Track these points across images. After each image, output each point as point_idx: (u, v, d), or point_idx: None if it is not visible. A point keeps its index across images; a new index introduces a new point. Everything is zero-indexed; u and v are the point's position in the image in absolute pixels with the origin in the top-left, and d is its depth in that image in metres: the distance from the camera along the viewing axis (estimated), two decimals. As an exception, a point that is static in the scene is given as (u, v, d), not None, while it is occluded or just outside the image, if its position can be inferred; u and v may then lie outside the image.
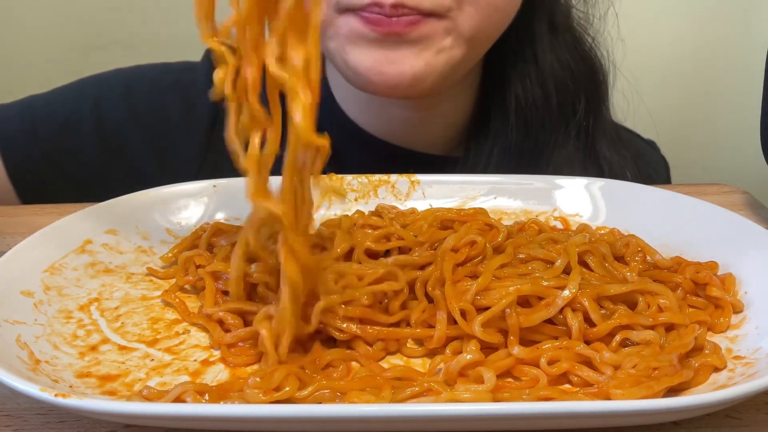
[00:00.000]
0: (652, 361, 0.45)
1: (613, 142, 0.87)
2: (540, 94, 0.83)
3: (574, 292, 0.49)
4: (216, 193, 0.68)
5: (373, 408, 0.40)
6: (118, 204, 0.64)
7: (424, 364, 0.50)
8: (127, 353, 0.50)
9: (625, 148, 0.88)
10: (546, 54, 0.82)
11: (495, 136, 0.83)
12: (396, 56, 0.68)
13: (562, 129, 0.83)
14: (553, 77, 0.83)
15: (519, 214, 0.68)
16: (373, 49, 0.68)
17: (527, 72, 0.82)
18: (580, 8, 0.86)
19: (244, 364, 0.49)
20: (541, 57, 0.82)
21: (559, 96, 0.83)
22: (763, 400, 0.46)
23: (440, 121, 0.85)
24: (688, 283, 0.54)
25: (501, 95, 0.83)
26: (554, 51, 0.83)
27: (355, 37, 0.68)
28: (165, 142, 0.86)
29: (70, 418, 0.45)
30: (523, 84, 0.82)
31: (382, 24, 0.66)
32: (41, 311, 0.52)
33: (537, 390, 0.44)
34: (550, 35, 0.83)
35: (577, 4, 0.86)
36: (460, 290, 0.51)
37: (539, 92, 0.83)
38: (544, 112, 0.83)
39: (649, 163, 0.96)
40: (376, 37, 0.67)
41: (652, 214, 0.64)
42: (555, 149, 0.83)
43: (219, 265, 0.56)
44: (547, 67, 0.83)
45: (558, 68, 0.83)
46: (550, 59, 0.83)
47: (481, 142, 0.84)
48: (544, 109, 0.83)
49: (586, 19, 0.86)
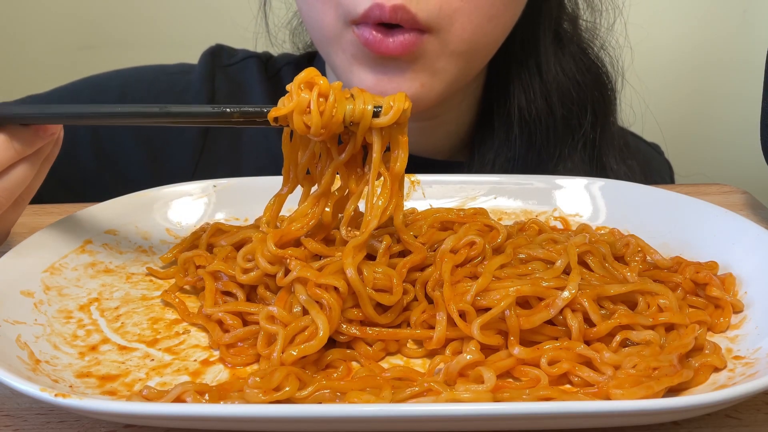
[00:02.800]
0: (652, 361, 0.45)
1: (620, 152, 0.85)
2: (544, 107, 0.82)
3: (573, 293, 0.49)
4: (216, 193, 0.68)
5: (373, 408, 0.40)
6: (118, 204, 0.64)
7: (424, 364, 0.50)
8: (127, 353, 0.50)
9: (632, 156, 0.87)
10: (550, 65, 0.81)
11: (499, 147, 0.83)
12: (395, 77, 0.69)
13: (567, 142, 0.82)
14: (557, 90, 0.82)
15: (519, 214, 0.68)
16: (374, 69, 0.69)
17: (531, 83, 0.81)
18: (586, 18, 0.85)
19: (244, 363, 0.49)
20: (546, 68, 0.81)
21: (565, 109, 0.82)
22: (763, 400, 0.46)
23: (443, 129, 0.84)
24: (688, 283, 0.54)
25: (504, 106, 0.83)
26: (559, 62, 0.82)
27: (359, 55, 0.69)
28: (159, 146, 0.86)
29: (70, 418, 0.45)
30: (527, 96, 0.81)
31: (380, 47, 0.66)
32: (41, 311, 0.52)
33: (537, 390, 0.44)
34: (555, 45, 0.82)
35: (583, 14, 0.85)
36: (460, 291, 0.51)
37: (543, 105, 0.82)
38: (549, 125, 0.82)
39: (656, 170, 0.96)
40: (375, 57, 0.68)
41: (652, 214, 0.64)
42: (560, 162, 0.82)
43: (219, 265, 0.56)
44: (552, 79, 0.81)
45: (563, 80, 0.82)
46: (554, 71, 0.82)
47: (485, 152, 0.83)
48: (549, 122, 0.82)
49: (593, 29, 0.85)
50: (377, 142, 0.52)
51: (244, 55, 0.91)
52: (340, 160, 0.54)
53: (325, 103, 0.51)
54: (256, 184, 0.69)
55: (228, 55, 0.91)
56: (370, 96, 0.52)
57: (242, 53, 0.92)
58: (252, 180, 0.69)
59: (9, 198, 0.52)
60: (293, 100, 0.51)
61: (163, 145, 0.86)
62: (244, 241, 0.60)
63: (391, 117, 0.51)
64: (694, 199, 0.64)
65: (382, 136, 0.53)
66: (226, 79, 0.89)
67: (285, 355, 0.47)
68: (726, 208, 0.61)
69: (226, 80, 0.89)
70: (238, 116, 0.51)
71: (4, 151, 0.50)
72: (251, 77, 0.89)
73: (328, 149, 0.54)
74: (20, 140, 0.51)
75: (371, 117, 0.52)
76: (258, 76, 0.89)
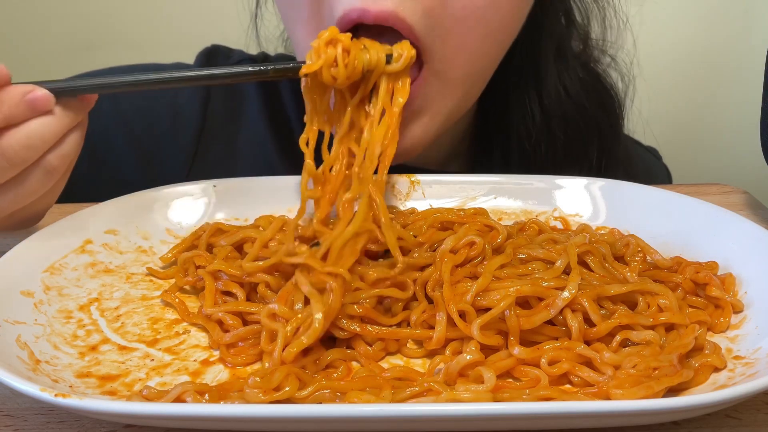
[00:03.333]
0: (652, 361, 0.45)
1: (624, 169, 0.83)
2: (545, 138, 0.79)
3: (573, 293, 0.49)
4: (216, 193, 0.68)
5: (373, 408, 0.40)
6: (118, 204, 0.64)
7: (424, 364, 0.50)
8: (127, 353, 0.50)
9: (634, 167, 0.86)
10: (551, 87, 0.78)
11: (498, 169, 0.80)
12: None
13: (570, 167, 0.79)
14: (560, 120, 0.79)
15: (519, 214, 0.68)
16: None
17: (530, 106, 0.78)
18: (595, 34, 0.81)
19: (244, 363, 0.49)
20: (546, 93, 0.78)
21: (567, 141, 0.79)
22: (763, 400, 0.46)
23: (439, 143, 0.83)
24: (688, 283, 0.54)
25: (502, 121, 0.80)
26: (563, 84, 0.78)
27: None
28: (151, 147, 0.85)
29: (70, 418, 0.45)
30: (526, 125, 0.79)
31: None
32: (41, 311, 0.52)
33: (537, 390, 0.44)
34: (559, 64, 0.79)
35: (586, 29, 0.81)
36: (460, 291, 0.51)
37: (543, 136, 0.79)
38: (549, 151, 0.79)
39: (655, 176, 0.95)
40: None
41: (652, 214, 0.64)
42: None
43: (219, 264, 0.56)
44: (554, 108, 0.78)
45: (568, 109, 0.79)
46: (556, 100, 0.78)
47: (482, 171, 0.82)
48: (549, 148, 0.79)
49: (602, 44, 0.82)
50: (384, 84, 0.61)
51: (240, 56, 0.91)
52: (353, 101, 0.61)
53: (348, 56, 0.58)
54: (257, 184, 0.69)
55: (224, 56, 0.91)
56: (380, 45, 0.60)
57: (238, 54, 0.91)
58: (252, 180, 0.69)
59: (67, 165, 0.56)
60: (321, 57, 0.58)
61: (155, 147, 0.85)
62: (244, 241, 0.60)
63: (401, 64, 0.60)
64: (694, 199, 0.64)
65: (388, 78, 0.60)
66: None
67: (285, 353, 0.47)
68: (726, 208, 0.61)
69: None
70: (273, 73, 0.59)
71: (62, 119, 0.54)
72: None
73: (342, 93, 0.61)
74: (72, 109, 0.54)
75: (384, 64, 0.60)
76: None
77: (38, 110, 0.52)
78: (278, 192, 0.68)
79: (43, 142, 0.53)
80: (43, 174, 0.54)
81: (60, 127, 0.54)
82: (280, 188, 0.68)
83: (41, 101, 0.52)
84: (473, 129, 0.84)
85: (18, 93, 0.51)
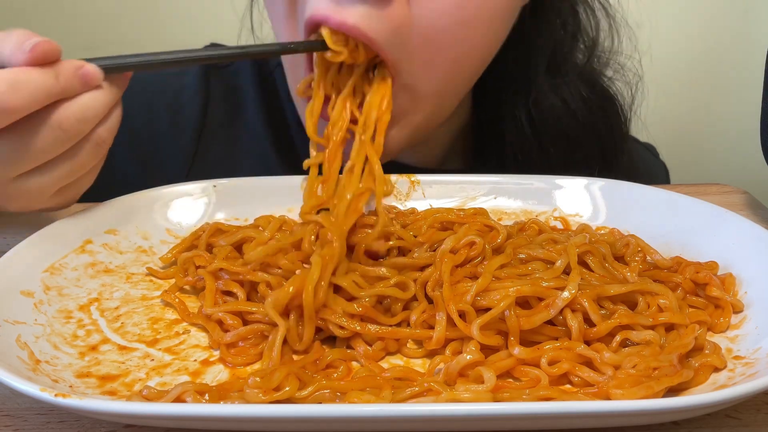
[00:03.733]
0: (652, 361, 0.45)
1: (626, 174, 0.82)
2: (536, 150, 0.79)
3: (573, 293, 0.49)
4: (216, 193, 0.68)
5: (373, 408, 0.40)
6: (118, 204, 0.64)
7: (424, 364, 0.50)
8: (127, 353, 0.50)
9: (634, 168, 0.85)
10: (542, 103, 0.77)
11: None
12: None
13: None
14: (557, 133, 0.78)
15: (519, 214, 0.68)
16: None
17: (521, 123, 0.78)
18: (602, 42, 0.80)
19: (244, 363, 0.49)
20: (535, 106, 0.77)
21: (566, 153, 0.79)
22: (763, 400, 0.46)
23: (434, 143, 0.83)
24: (688, 283, 0.54)
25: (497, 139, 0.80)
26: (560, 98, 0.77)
27: None
28: (151, 147, 0.85)
29: (70, 418, 0.45)
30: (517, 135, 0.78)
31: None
32: (41, 311, 0.52)
33: (537, 390, 0.44)
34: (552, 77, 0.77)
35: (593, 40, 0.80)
36: (460, 291, 0.51)
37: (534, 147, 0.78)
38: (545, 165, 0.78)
39: (654, 174, 0.95)
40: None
41: (652, 214, 0.64)
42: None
43: (221, 263, 0.56)
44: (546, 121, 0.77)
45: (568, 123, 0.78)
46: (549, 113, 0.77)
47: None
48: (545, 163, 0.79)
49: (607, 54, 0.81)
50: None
51: None
52: (360, 68, 0.66)
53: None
54: (257, 184, 0.69)
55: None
56: None
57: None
58: (252, 180, 0.69)
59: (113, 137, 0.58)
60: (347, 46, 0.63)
61: (155, 147, 0.85)
62: (244, 241, 0.60)
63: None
64: (694, 199, 0.64)
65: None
66: (220, 80, 0.88)
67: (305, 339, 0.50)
68: (726, 208, 0.61)
69: (220, 82, 0.88)
70: (302, 49, 0.64)
71: (109, 93, 0.56)
72: (245, 79, 0.89)
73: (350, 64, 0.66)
74: (117, 85, 0.57)
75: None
76: (252, 78, 0.89)
77: (90, 84, 0.54)
78: (278, 192, 0.68)
79: (95, 115, 0.55)
80: (93, 147, 0.56)
81: (108, 100, 0.56)
82: (280, 188, 0.68)
83: (92, 76, 0.54)
84: (471, 125, 0.84)
85: (72, 67, 0.53)
